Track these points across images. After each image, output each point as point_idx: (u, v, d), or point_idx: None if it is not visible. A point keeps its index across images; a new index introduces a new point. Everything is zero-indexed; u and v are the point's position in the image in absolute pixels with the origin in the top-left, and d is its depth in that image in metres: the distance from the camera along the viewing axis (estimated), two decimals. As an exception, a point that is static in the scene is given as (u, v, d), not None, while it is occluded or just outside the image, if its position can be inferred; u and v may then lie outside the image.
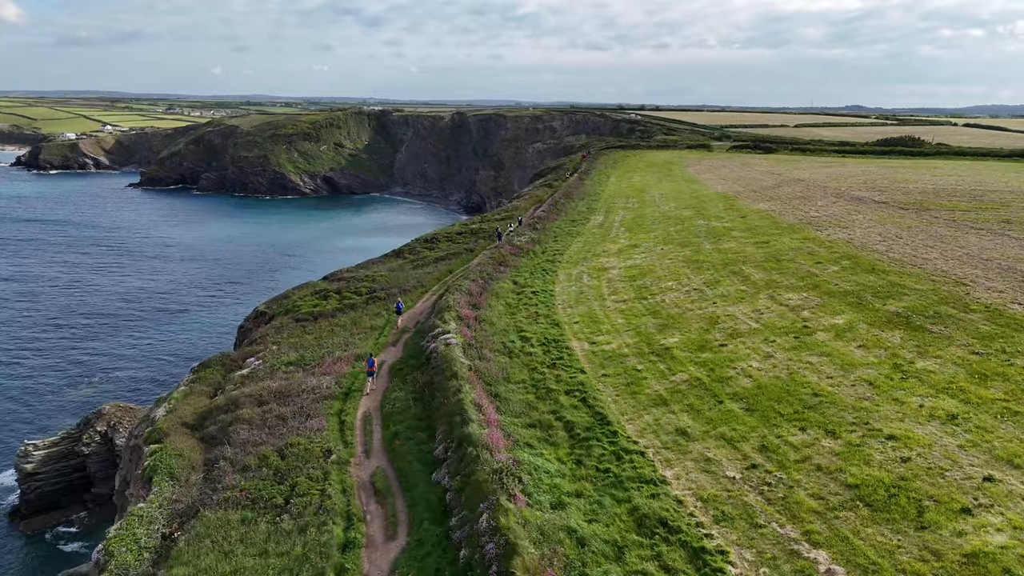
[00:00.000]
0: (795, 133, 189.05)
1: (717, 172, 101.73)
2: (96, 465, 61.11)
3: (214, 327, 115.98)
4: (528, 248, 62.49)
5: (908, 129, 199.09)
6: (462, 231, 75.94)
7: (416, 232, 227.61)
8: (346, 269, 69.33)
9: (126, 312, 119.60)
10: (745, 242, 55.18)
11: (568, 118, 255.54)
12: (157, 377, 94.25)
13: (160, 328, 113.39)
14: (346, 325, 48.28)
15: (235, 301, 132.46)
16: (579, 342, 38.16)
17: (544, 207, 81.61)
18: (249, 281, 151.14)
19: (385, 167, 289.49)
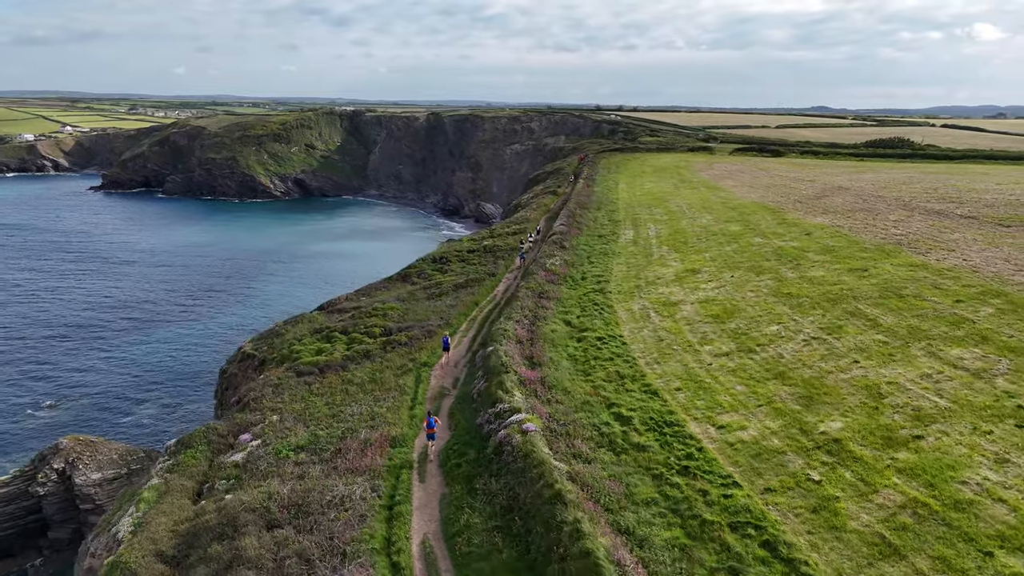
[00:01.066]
0: (780, 134, 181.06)
1: (736, 178, 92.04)
2: (53, 507, 52.74)
3: (186, 342, 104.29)
4: (564, 273, 51.82)
5: (893, 130, 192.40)
6: (474, 248, 65.08)
7: (393, 236, 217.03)
8: (345, 297, 58.00)
9: (90, 324, 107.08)
10: (835, 268, 45.13)
11: (546, 119, 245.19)
12: (123, 400, 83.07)
13: (126, 342, 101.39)
14: (364, 383, 37.12)
15: (208, 313, 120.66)
16: (700, 425, 27.61)
17: (563, 220, 71.00)
18: (222, 290, 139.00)
19: (358, 169, 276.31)
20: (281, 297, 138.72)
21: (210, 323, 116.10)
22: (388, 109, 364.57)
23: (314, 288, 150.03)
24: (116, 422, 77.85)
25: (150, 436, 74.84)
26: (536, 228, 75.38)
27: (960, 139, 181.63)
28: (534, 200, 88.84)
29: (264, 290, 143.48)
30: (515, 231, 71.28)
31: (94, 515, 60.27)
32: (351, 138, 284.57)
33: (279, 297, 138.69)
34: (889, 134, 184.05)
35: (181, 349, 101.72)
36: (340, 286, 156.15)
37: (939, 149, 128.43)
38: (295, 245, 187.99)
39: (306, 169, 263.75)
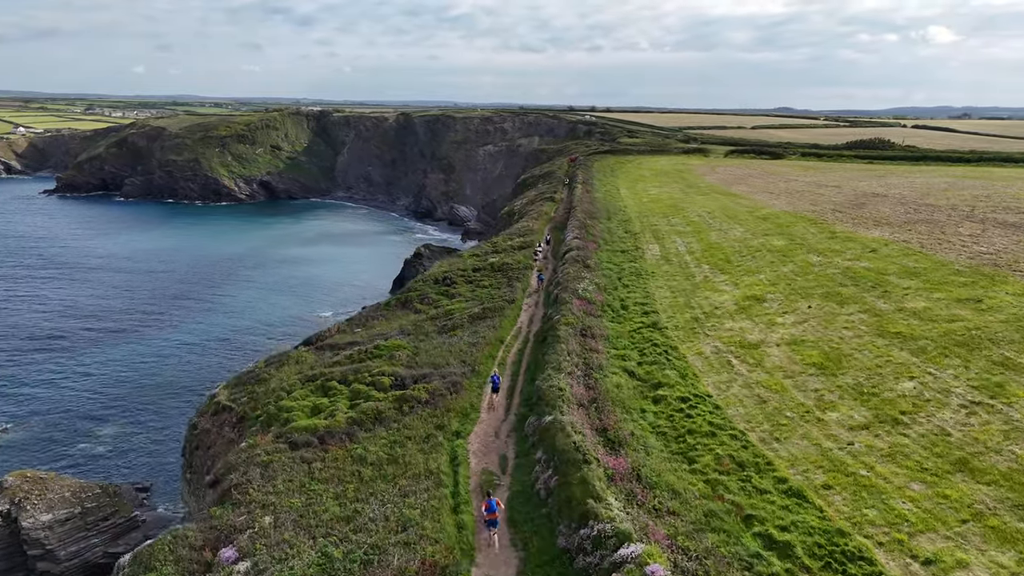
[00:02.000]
0: (757, 135, 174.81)
1: (748, 182, 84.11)
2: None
3: (148, 356, 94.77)
4: (600, 300, 42.90)
5: (869, 131, 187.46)
6: (479, 267, 55.78)
7: (366, 240, 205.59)
8: (337, 329, 48.25)
9: (43, 336, 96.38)
10: (938, 298, 36.88)
11: (519, 119, 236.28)
12: (79, 422, 74.04)
13: (83, 356, 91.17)
14: (381, 464, 27.69)
15: (172, 323, 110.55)
16: (895, 558, 18.82)
17: (574, 231, 62.13)
18: (187, 298, 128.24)
19: (326, 170, 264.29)
20: (250, 306, 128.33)
21: (174, 335, 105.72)
22: (355, 109, 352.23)
23: (284, 295, 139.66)
24: (70, 450, 68.68)
25: (108, 466, 66.08)
26: (544, 239, 66.53)
27: (934, 139, 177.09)
28: (532, 208, 79.78)
29: (232, 299, 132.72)
30: (520, 244, 62.17)
31: (44, 562, 51.18)
32: (318, 139, 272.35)
33: (248, 306, 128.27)
34: (866, 135, 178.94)
35: (143, 363, 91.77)
36: (312, 294, 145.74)
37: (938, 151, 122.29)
38: (263, 250, 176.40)
39: (272, 171, 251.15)
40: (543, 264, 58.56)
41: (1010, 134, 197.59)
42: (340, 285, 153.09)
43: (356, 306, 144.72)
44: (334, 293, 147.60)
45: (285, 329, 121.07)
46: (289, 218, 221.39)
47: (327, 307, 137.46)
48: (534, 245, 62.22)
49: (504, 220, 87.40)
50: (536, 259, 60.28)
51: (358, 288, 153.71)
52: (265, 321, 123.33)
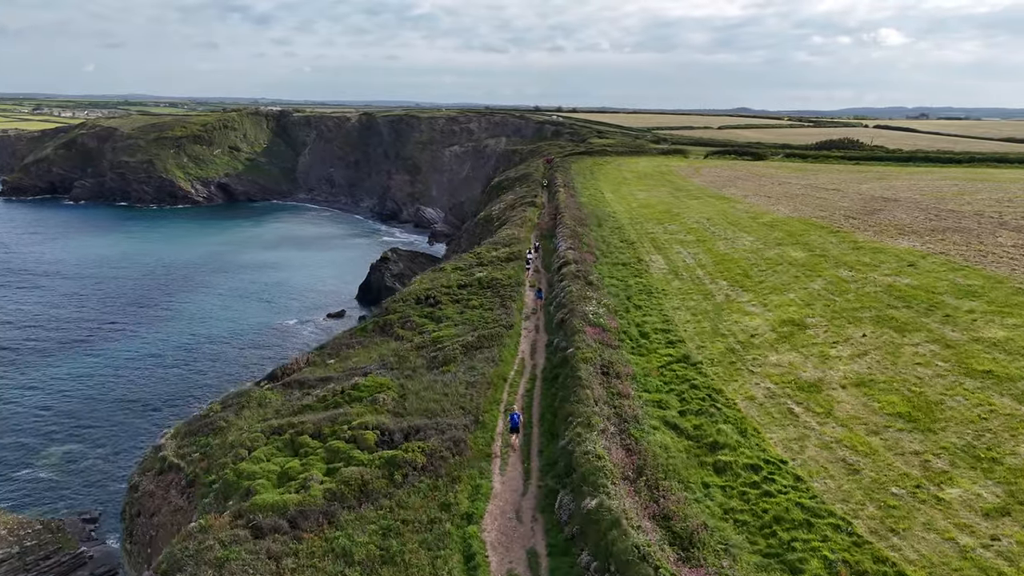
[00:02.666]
0: (725, 135, 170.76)
1: (738, 185, 78.62)
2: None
3: (98, 370, 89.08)
4: (615, 327, 36.45)
5: (839, 131, 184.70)
6: (465, 283, 48.92)
7: (330, 244, 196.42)
8: (306, 360, 40.98)
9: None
10: (1015, 325, 31.20)
11: (486, 120, 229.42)
12: (21, 443, 69.19)
13: (29, 370, 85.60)
14: (373, 565, 20.89)
15: (125, 335, 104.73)
16: None
17: (566, 240, 55.65)
18: (140, 307, 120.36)
19: (287, 172, 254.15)
20: (208, 315, 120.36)
21: (128, 346, 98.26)
22: (316, 109, 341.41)
23: (245, 303, 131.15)
24: (11, 475, 62.14)
25: (53, 494, 60.15)
26: (532, 246, 60.09)
27: (898, 139, 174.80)
28: (513, 213, 73.10)
29: (189, 307, 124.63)
30: (508, 255, 55.45)
31: (-24, 611, 45.01)
32: (278, 139, 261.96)
33: (206, 315, 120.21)
34: (834, 135, 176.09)
35: (93, 377, 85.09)
36: (274, 301, 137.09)
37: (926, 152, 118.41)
38: (222, 255, 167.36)
39: (230, 172, 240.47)
40: (535, 277, 52.07)
41: (972, 134, 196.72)
42: (304, 291, 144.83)
43: (321, 312, 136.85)
44: (298, 299, 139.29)
45: (246, 339, 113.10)
46: (249, 221, 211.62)
47: (291, 314, 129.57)
48: (523, 255, 55.58)
49: (481, 226, 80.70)
50: (527, 270, 53.96)
51: (323, 294, 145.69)
52: (225, 331, 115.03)
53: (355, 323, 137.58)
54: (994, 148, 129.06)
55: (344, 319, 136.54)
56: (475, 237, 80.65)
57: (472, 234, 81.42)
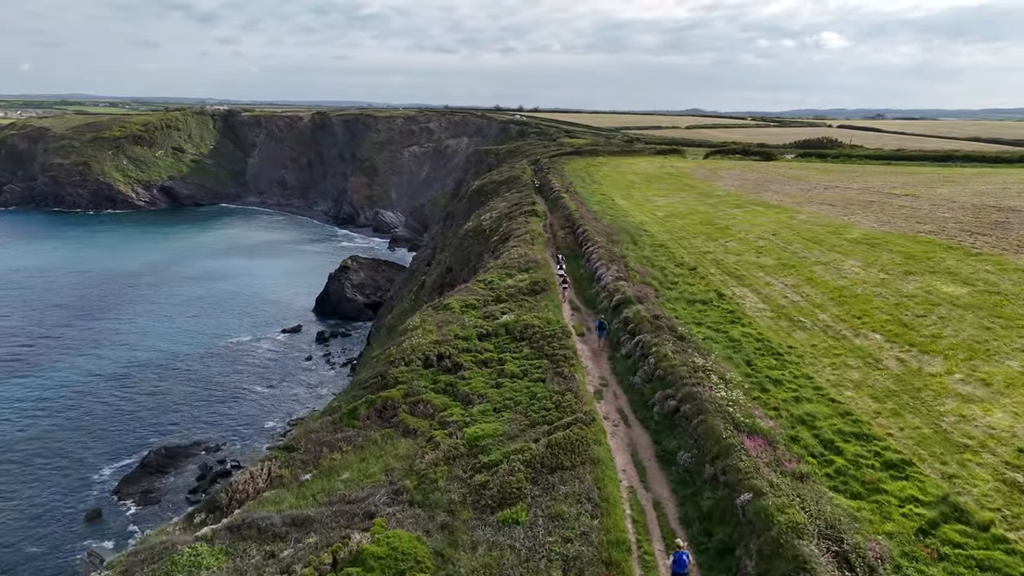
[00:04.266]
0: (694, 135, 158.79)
1: (777, 190, 65.01)
2: None
3: (16, 406, 73.94)
4: (780, 434, 21.61)
5: (808, 131, 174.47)
6: (489, 331, 33.54)
7: (285, 251, 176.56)
8: (268, 474, 24.98)
9: None
10: None
11: (446, 119, 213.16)
12: None
13: None
14: None
15: (50, 360, 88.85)
16: None
17: (606, 265, 40.80)
18: (70, 327, 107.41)
19: (236, 174, 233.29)
20: (149, 334, 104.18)
21: (51, 376, 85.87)
22: (266, 109, 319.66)
23: (191, 319, 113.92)
24: None
25: None
26: (557, 266, 45.25)
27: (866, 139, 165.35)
28: (514, 225, 57.79)
29: (127, 325, 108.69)
30: (530, 286, 40.00)
31: None
32: (226, 140, 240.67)
33: (146, 334, 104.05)
34: (807, 135, 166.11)
35: (8, 413, 71.53)
36: (224, 316, 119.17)
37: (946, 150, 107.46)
38: (165, 265, 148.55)
39: (174, 175, 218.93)
40: (578, 319, 37.01)
41: (937, 134, 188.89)
42: (257, 303, 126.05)
43: (276, 327, 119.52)
44: (250, 313, 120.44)
45: (193, 361, 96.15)
46: (195, 227, 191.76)
47: (243, 330, 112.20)
48: (549, 284, 40.44)
49: (472, 239, 65.38)
50: (563, 292, 39.49)
51: (278, 306, 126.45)
52: (168, 352, 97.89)
53: (313, 338, 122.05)
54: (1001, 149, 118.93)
55: (301, 333, 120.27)
56: (466, 252, 65.32)
57: (462, 249, 66.00)
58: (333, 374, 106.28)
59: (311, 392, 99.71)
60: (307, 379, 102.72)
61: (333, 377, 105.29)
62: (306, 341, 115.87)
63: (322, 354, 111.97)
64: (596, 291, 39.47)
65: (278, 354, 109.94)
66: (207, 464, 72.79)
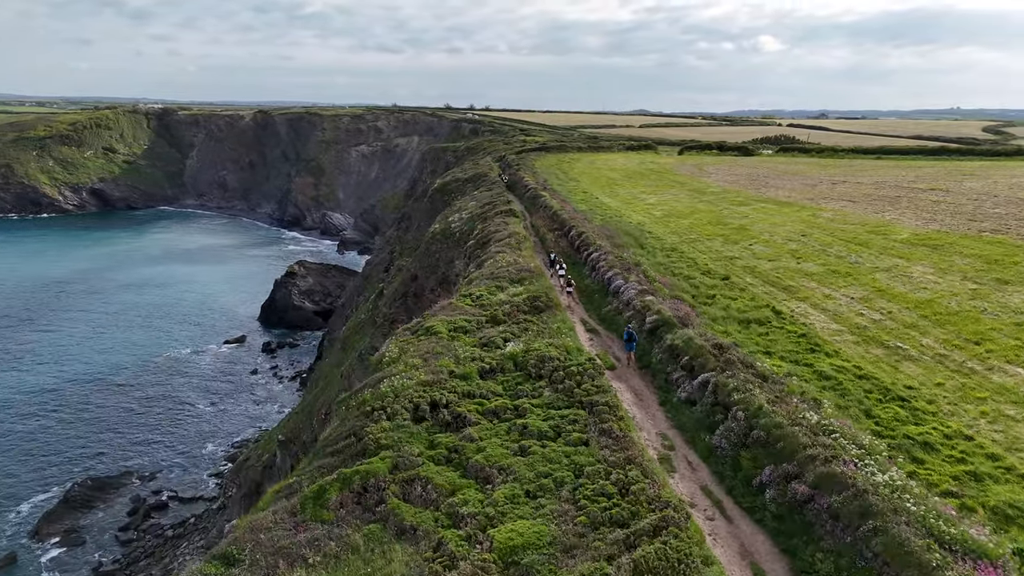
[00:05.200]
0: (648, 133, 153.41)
1: (781, 186, 58.27)
2: None
3: None
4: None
5: (764, 129, 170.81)
6: (494, 366, 24.80)
7: (227, 256, 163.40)
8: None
9: None
10: None
11: (395, 118, 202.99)
12: None
13: None
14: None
15: None
16: None
17: (625, 277, 32.80)
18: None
19: (173, 175, 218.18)
20: (79, 349, 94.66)
21: None
22: (205, 108, 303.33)
23: (125, 331, 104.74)
24: None
25: None
26: (555, 268, 37.28)
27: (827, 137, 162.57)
28: (492, 227, 49.18)
29: (53, 337, 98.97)
30: (530, 301, 31.40)
31: None
32: (161, 140, 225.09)
33: (76, 349, 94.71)
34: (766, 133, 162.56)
35: None
36: (161, 327, 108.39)
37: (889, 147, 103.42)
38: (97, 273, 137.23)
39: (105, 177, 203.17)
40: (604, 345, 28.86)
41: (880, 131, 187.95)
42: (197, 313, 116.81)
43: (218, 338, 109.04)
44: (190, 324, 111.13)
45: (127, 377, 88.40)
46: (129, 232, 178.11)
47: (182, 342, 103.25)
48: (550, 300, 32.02)
49: (440, 242, 56.76)
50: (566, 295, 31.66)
51: (220, 315, 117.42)
52: (100, 368, 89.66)
53: (258, 350, 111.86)
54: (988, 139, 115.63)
55: (246, 345, 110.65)
56: (433, 258, 56.68)
57: (428, 254, 57.29)
58: (281, 388, 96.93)
59: (258, 409, 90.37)
60: (253, 394, 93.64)
61: (281, 392, 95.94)
62: (251, 353, 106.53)
63: (269, 366, 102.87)
64: (615, 307, 31.31)
65: (221, 368, 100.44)
66: (140, 496, 64.06)
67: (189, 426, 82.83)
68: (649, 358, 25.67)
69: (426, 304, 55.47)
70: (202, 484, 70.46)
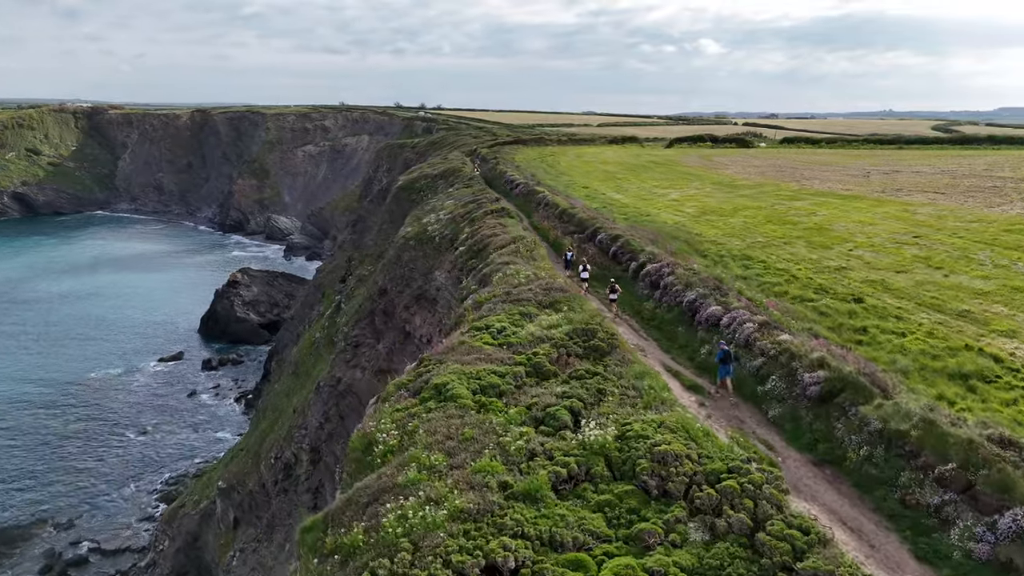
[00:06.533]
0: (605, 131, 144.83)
1: (816, 176, 49.31)
2: None
3: None
4: None
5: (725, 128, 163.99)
6: (578, 471, 14.08)
7: (165, 264, 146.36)
8: None
9: None
10: None
11: (343, 116, 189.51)
12: None
13: None
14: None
15: None
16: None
17: (694, 291, 22.25)
18: None
19: (103, 178, 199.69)
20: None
21: None
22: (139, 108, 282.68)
23: (49, 348, 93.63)
24: None
25: None
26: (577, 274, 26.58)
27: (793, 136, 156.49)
28: (484, 231, 37.94)
29: None
30: (576, 335, 20.47)
31: None
32: (91, 141, 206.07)
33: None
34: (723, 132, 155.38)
35: None
36: (90, 344, 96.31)
37: None
38: (14, 285, 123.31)
39: (29, 180, 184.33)
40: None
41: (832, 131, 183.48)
42: (131, 327, 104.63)
43: (153, 355, 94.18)
44: (122, 340, 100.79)
45: (47, 401, 78.82)
46: (54, 239, 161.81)
47: (112, 361, 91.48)
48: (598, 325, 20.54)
49: (413, 250, 45.39)
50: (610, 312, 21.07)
51: (156, 329, 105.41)
52: (12, 395, 79.29)
53: (197, 368, 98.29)
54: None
55: (183, 362, 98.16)
56: (406, 269, 45.30)
57: (400, 264, 45.81)
58: (224, 412, 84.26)
59: (196, 438, 77.87)
60: (191, 419, 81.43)
61: (223, 416, 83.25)
62: (190, 371, 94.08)
63: (210, 386, 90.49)
64: (707, 345, 20.31)
65: (155, 389, 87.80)
66: (54, 551, 55.23)
67: (115, 461, 69.87)
68: (834, 444, 14.77)
69: (399, 324, 43.83)
70: (130, 532, 59.64)
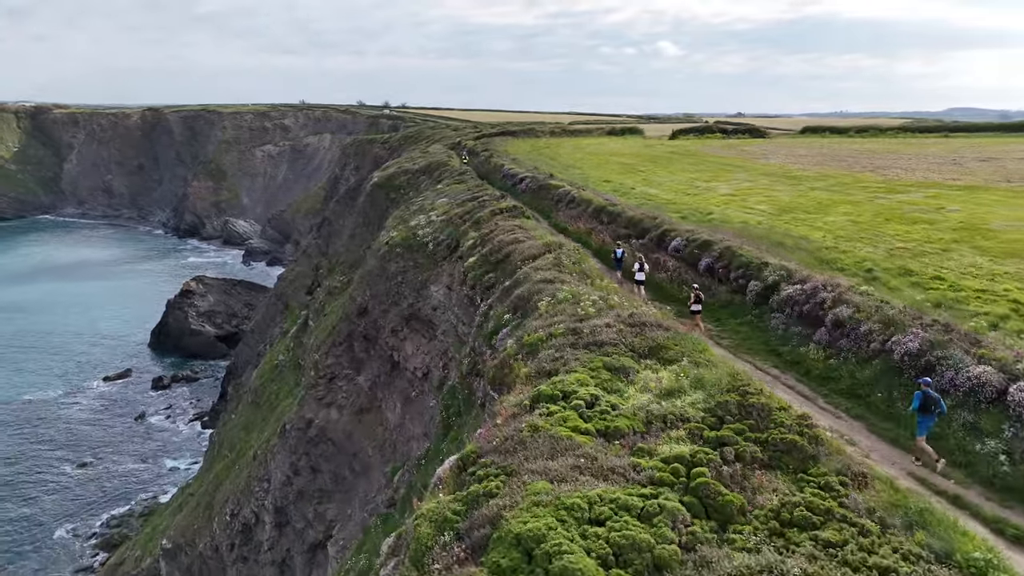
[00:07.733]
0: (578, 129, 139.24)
1: (895, 166, 43.06)
2: None
3: None
4: None
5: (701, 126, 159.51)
6: None
7: (109, 271, 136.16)
8: None
9: None
10: None
11: (304, 115, 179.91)
12: None
13: None
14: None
15: None
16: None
17: (914, 328, 15.14)
18: None
19: (48, 181, 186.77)
20: None
21: None
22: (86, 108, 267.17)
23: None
24: None
25: None
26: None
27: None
28: (497, 235, 30.48)
29: None
30: (732, 415, 13.08)
31: None
32: (34, 142, 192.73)
33: None
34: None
35: None
36: (28, 361, 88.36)
37: None
38: None
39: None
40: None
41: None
42: (72, 343, 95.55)
43: (97, 374, 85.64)
44: (62, 358, 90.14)
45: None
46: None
47: (48, 383, 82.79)
48: (754, 387, 12.73)
49: (401, 259, 37.69)
50: None
51: (101, 344, 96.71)
52: None
53: (147, 386, 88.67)
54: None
55: (131, 380, 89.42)
56: (392, 283, 37.59)
57: (384, 276, 38.11)
58: (177, 439, 75.39)
59: (145, 468, 69.11)
60: (139, 448, 72.73)
61: (179, 443, 74.45)
62: (138, 391, 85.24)
63: (162, 407, 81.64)
64: (994, 440, 12.92)
65: (97, 413, 78.69)
66: None
67: (49, 499, 61.70)
68: None
69: (384, 352, 36.02)
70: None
